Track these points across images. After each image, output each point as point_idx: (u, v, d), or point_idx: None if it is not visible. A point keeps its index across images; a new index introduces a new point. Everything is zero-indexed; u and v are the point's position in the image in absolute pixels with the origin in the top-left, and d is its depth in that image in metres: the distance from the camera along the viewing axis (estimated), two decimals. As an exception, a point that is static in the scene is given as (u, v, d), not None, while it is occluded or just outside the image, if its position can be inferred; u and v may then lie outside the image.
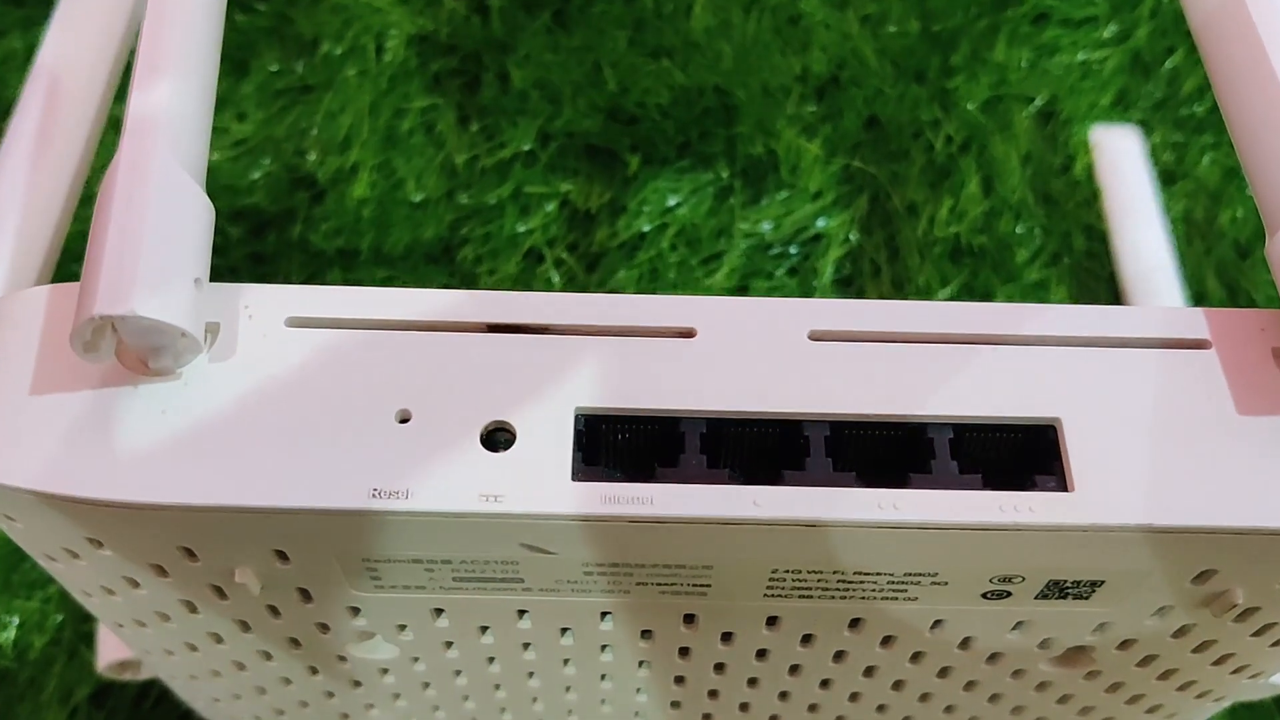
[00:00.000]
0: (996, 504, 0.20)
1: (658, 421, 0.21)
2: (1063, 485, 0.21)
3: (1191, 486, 0.20)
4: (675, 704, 0.30)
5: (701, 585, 0.23)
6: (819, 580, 0.22)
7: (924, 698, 0.29)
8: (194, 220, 0.21)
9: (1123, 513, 0.20)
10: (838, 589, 0.23)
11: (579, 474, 0.20)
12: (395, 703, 0.30)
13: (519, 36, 0.51)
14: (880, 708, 0.30)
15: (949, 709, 0.30)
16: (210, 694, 0.31)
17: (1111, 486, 0.20)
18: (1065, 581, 0.22)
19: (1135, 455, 0.21)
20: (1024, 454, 0.21)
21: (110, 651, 0.36)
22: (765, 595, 0.23)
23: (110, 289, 0.19)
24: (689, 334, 0.22)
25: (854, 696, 0.29)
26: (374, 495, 0.20)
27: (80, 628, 0.41)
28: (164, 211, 0.20)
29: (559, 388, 0.21)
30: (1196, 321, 0.22)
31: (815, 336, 0.22)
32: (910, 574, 0.22)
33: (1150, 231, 0.48)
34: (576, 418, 0.21)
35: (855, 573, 0.22)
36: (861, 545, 0.21)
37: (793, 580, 0.22)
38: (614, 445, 0.21)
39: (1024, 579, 0.22)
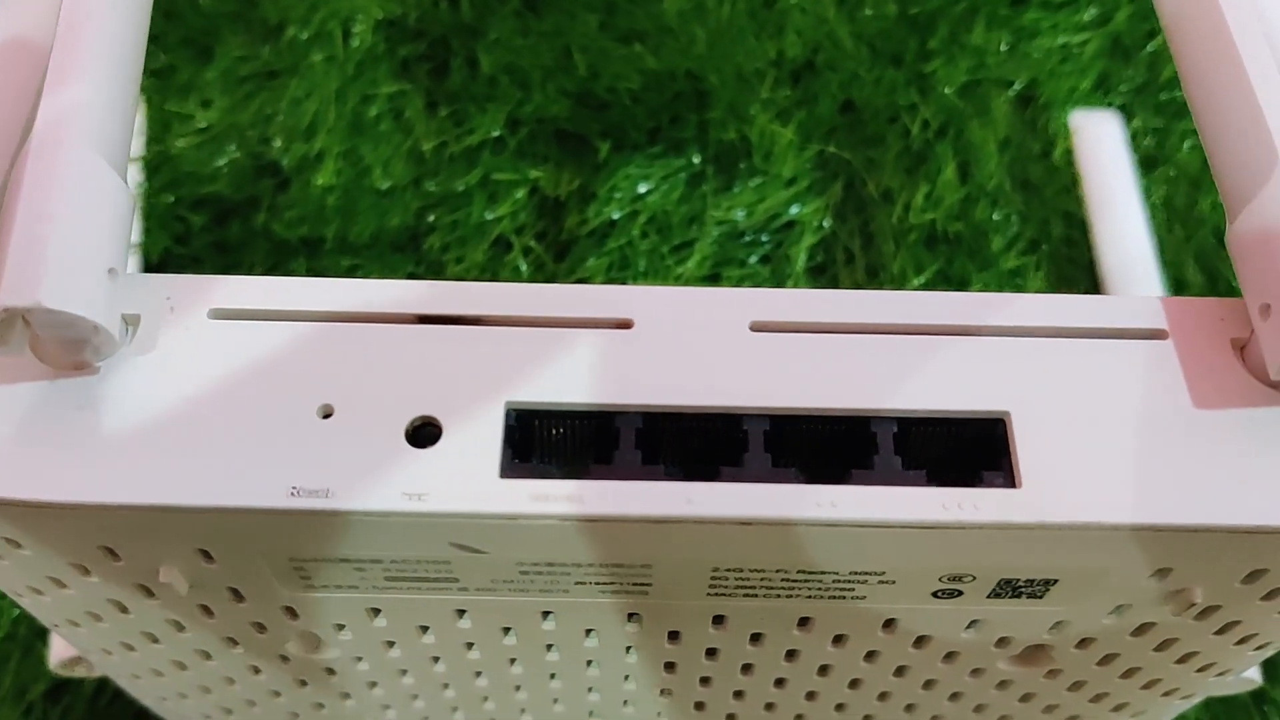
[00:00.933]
0: (940, 501, 0.19)
1: (592, 416, 0.20)
2: (1011, 481, 0.20)
3: (1143, 483, 0.20)
4: (626, 702, 0.29)
5: (642, 584, 0.22)
6: (762, 579, 0.22)
7: (883, 696, 0.28)
8: (110, 208, 0.20)
9: (1072, 510, 0.19)
10: (782, 588, 0.22)
11: (508, 471, 0.20)
12: (344, 702, 0.30)
13: (488, 21, 0.50)
14: (839, 706, 0.29)
15: (909, 708, 0.29)
16: (156, 692, 0.30)
17: (1061, 483, 0.20)
18: (1018, 580, 0.22)
19: (1086, 450, 0.20)
20: (971, 449, 0.20)
21: (63, 648, 0.35)
22: (709, 594, 0.22)
23: (16, 279, 0.19)
24: (626, 325, 0.21)
25: (810, 695, 0.28)
26: (293, 494, 0.19)
27: (36, 623, 0.40)
28: (76, 199, 0.20)
29: (490, 381, 0.20)
30: (1154, 311, 0.21)
31: (757, 327, 0.21)
32: (856, 573, 0.21)
33: (1130, 218, 0.47)
34: (507, 412, 0.20)
35: (799, 571, 0.21)
36: (802, 544, 0.20)
37: (735, 579, 0.22)
38: (546, 441, 0.20)
39: (975, 578, 0.22)
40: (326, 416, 0.20)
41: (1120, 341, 0.21)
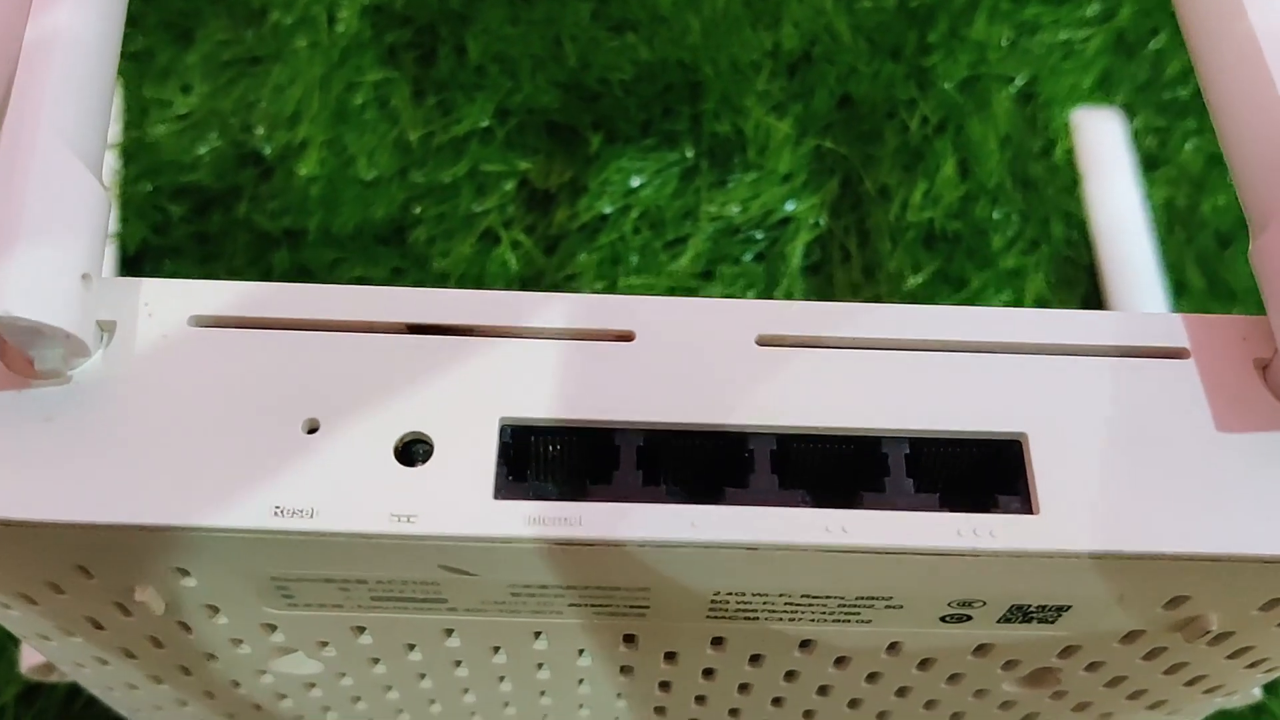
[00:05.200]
0: (955, 527, 0.19)
1: (590, 434, 0.19)
2: (1027, 507, 0.19)
3: (1164, 509, 0.19)
4: (618, 719, 0.29)
5: (639, 607, 0.21)
6: (765, 603, 0.21)
7: (882, 715, 0.28)
8: (83, 211, 0.19)
9: (1091, 538, 0.19)
10: (785, 611, 0.21)
11: (502, 491, 0.19)
12: (326, 715, 0.29)
13: (477, 7, 0.49)
14: (837, 724, 0.28)
15: (909, 725, 0.28)
16: (130, 704, 0.29)
17: (1079, 508, 0.19)
18: (1029, 606, 0.21)
19: (1105, 474, 0.19)
20: (986, 471, 0.20)
21: (33, 654, 0.34)
22: (708, 617, 0.22)
23: (-18, 286, 0.17)
24: (627, 337, 0.20)
25: (808, 714, 0.28)
26: (276, 513, 0.18)
27: (7, 626, 0.39)
28: (47, 201, 0.18)
29: (483, 395, 0.19)
30: (1175, 329, 0.21)
31: (763, 341, 0.20)
32: (862, 598, 0.21)
33: (1130, 218, 0.46)
34: (501, 429, 0.19)
35: (803, 596, 0.21)
36: (808, 569, 0.19)
37: (736, 603, 0.21)
38: (542, 459, 0.20)
39: (985, 603, 0.21)
40: (312, 431, 0.19)
41: (1140, 360, 0.20)
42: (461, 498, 0.19)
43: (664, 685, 0.26)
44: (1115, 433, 0.19)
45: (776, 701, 0.27)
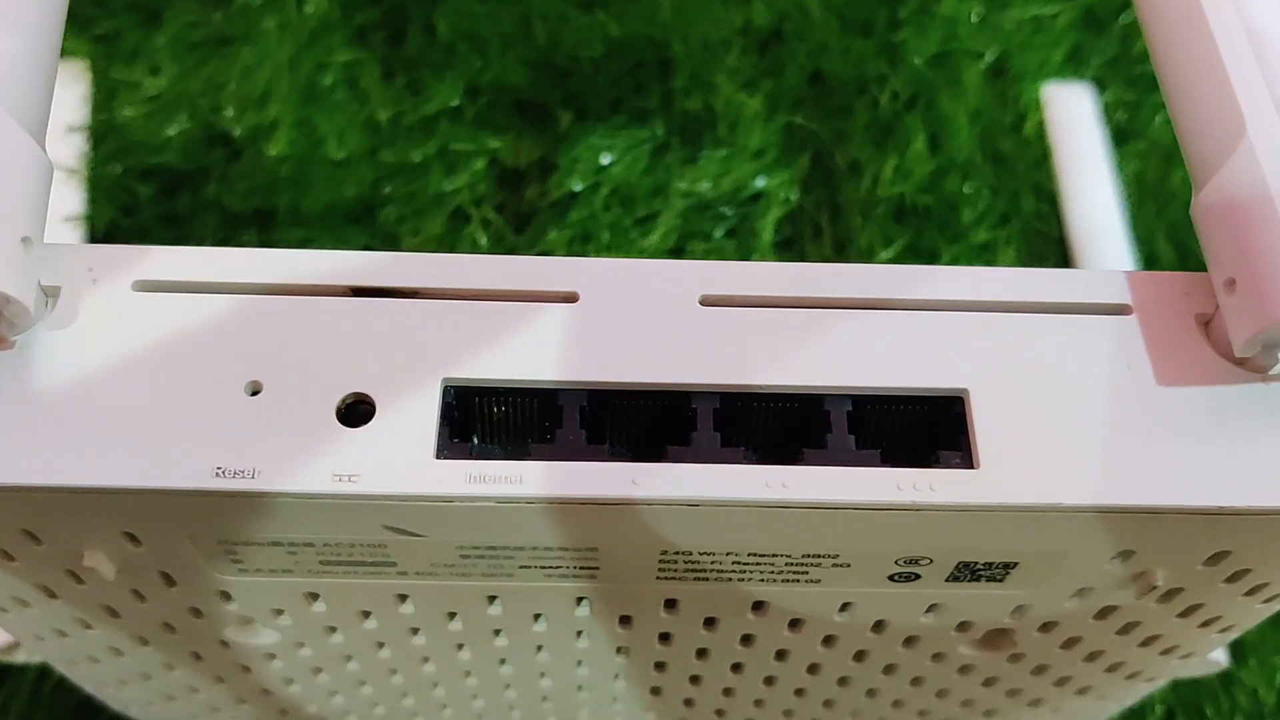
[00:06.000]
0: (895, 482, 0.19)
1: (533, 394, 0.19)
2: (969, 462, 0.19)
3: (1105, 463, 0.19)
4: (580, 687, 0.29)
5: (589, 568, 0.21)
6: (713, 562, 0.21)
7: (843, 681, 0.28)
8: (22, 174, 0.19)
9: (1031, 492, 0.19)
10: (734, 571, 0.21)
11: (444, 451, 0.19)
12: (289, 688, 0.29)
13: (446, -14, 0.49)
14: (799, 691, 0.29)
15: (870, 692, 0.29)
16: (95, 679, 0.29)
17: (1020, 463, 0.19)
18: (976, 563, 0.21)
19: (1047, 429, 0.19)
20: (928, 427, 0.20)
21: (1, 634, 0.34)
22: (659, 578, 0.22)
23: (-83, 249, 0.17)
24: (571, 298, 0.20)
25: (769, 680, 0.28)
26: (218, 474, 0.18)
27: (-22, 606, 0.39)
28: (-16, 163, 0.18)
29: (426, 357, 0.19)
30: (1118, 285, 0.21)
31: (707, 302, 0.20)
32: (809, 555, 0.21)
33: (1101, 192, 0.46)
34: (445, 389, 0.19)
35: (750, 554, 0.21)
36: (752, 526, 0.19)
37: (684, 562, 0.21)
38: (486, 419, 0.20)
39: (931, 561, 0.21)
40: (255, 394, 0.19)
41: (1082, 317, 0.20)
42: (403, 457, 0.19)
43: (623, 651, 0.26)
44: (1057, 388, 0.20)
45: (736, 668, 0.27)
